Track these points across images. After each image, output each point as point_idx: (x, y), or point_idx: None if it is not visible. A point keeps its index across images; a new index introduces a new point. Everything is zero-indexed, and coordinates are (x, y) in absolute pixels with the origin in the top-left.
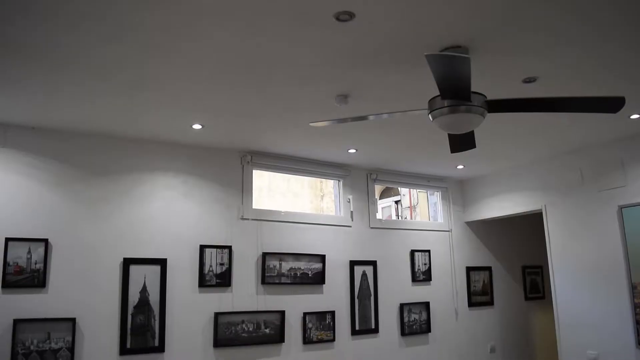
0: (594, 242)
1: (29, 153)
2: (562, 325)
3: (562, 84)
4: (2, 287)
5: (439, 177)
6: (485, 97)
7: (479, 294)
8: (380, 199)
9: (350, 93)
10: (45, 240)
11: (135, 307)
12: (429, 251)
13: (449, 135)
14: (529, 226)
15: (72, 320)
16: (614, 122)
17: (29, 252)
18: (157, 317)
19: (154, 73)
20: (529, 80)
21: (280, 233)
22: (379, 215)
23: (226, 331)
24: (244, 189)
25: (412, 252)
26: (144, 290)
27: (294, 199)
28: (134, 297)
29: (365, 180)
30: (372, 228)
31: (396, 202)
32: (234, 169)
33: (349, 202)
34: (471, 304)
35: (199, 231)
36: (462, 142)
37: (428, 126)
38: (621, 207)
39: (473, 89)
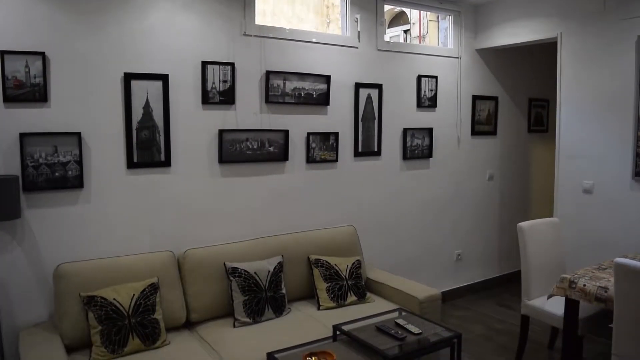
0: (606, 73)
1: None
2: (561, 156)
3: None
4: (4, 101)
5: (452, 0)
6: None
7: (483, 123)
8: (388, 27)
9: None
10: (42, 54)
11: (139, 123)
12: (436, 77)
13: None
14: (540, 59)
15: (78, 135)
16: None
17: (27, 65)
18: (161, 133)
19: None
20: None
21: (284, 51)
22: (386, 39)
23: (231, 148)
24: (246, 2)
25: (419, 78)
26: (147, 106)
27: (299, 25)
28: (137, 113)
29: None
30: (379, 50)
31: (405, 31)
32: None
33: (357, 21)
34: (474, 132)
35: (200, 47)
36: None
37: None
38: None
39: None
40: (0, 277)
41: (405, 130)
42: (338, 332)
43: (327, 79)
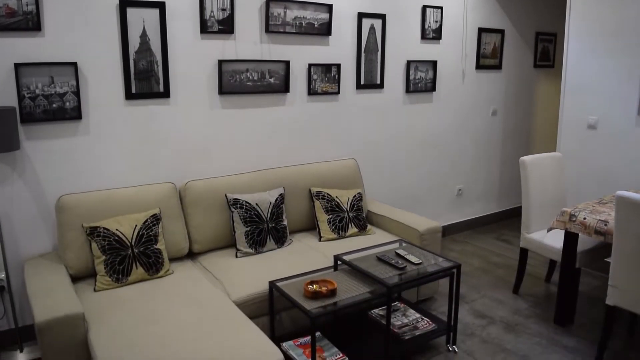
0: (617, 6)
1: None
2: (567, 91)
3: None
4: None
5: None
6: None
7: (488, 57)
8: None
9: None
10: None
11: (136, 52)
12: (441, 8)
13: None
14: None
15: (74, 65)
16: None
17: None
18: (160, 63)
19: None
20: None
21: None
22: None
23: (231, 79)
24: None
25: (424, 8)
26: (144, 35)
27: None
28: (134, 42)
29: None
30: None
31: None
32: None
33: None
34: (479, 66)
35: None
36: None
37: None
38: None
39: None
40: (3, 208)
41: (408, 63)
42: (339, 262)
43: (329, 8)
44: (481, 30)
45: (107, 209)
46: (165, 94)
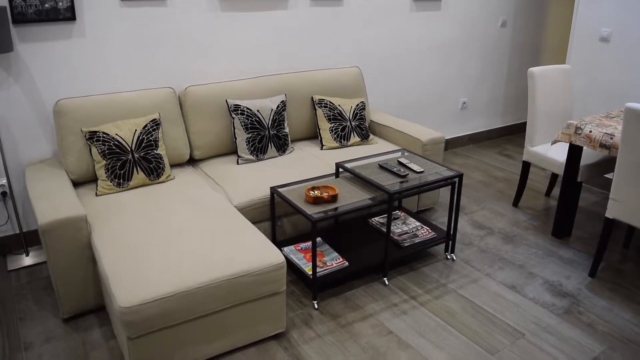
0: None
1: None
2: (581, 1)
3: None
4: None
5: None
6: None
7: None
8: None
9: None
10: None
11: None
12: None
13: None
14: None
15: None
16: None
17: None
18: None
19: None
20: None
21: None
22: None
23: None
24: None
25: None
26: None
27: None
28: None
29: None
30: None
31: None
32: None
33: None
34: None
35: None
36: None
37: None
38: None
39: None
40: (0, 113)
41: None
42: (341, 170)
43: None
44: None
45: (106, 114)
46: None
